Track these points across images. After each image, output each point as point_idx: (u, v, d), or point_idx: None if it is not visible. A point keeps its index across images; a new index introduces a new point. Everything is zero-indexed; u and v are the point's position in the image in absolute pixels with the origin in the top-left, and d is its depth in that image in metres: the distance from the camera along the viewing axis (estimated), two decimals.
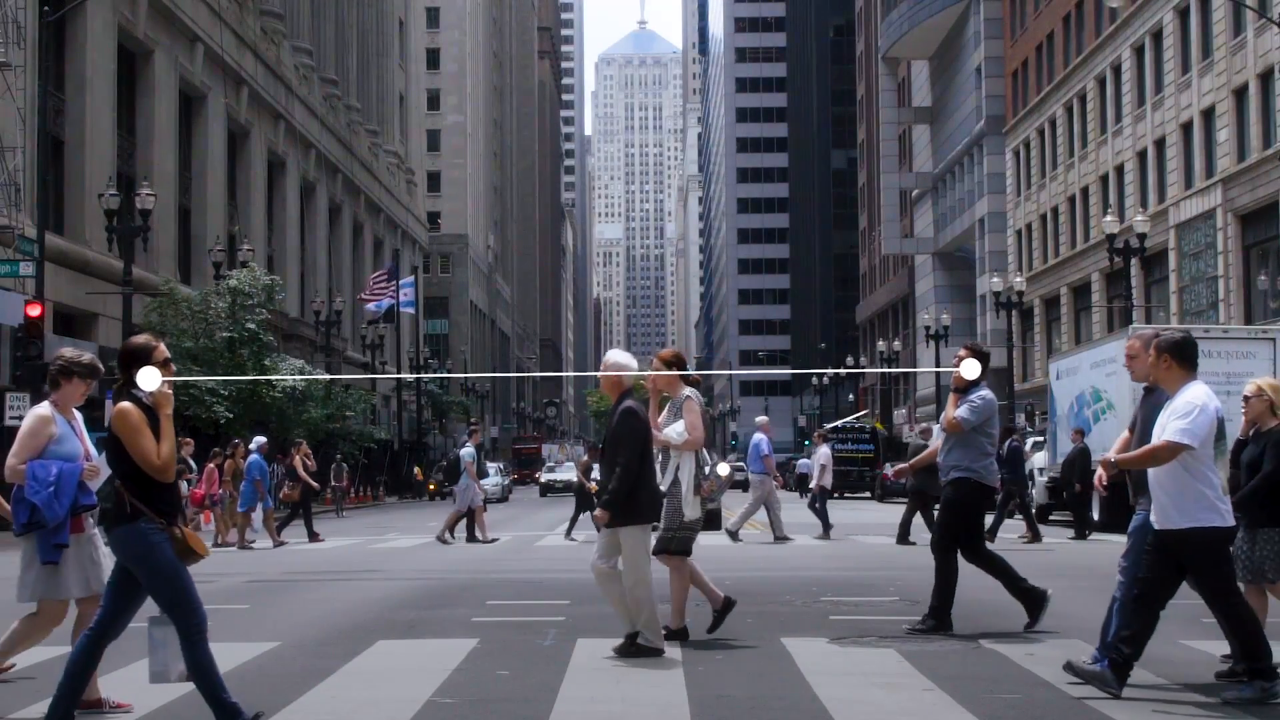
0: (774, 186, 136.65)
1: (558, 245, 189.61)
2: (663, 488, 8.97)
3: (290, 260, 54.64)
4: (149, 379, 5.99)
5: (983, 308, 63.64)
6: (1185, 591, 8.90)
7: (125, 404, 5.99)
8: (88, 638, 6.16)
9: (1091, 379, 24.19)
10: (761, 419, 22.87)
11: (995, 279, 50.60)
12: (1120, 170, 49.01)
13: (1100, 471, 7.61)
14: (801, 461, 51.16)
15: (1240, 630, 7.00)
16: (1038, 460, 27.24)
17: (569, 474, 52.24)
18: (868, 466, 49.81)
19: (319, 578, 15.58)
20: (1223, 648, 8.61)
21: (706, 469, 9.12)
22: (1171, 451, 6.88)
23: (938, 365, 52.65)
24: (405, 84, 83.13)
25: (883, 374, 72.80)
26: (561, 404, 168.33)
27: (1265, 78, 38.02)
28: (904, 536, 19.48)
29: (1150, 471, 7.14)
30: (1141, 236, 35.24)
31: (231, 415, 33.90)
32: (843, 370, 71.43)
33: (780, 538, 21.03)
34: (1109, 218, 38.67)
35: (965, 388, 9.66)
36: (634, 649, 8.36)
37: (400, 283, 57.51)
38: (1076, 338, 51.31)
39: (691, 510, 9.00)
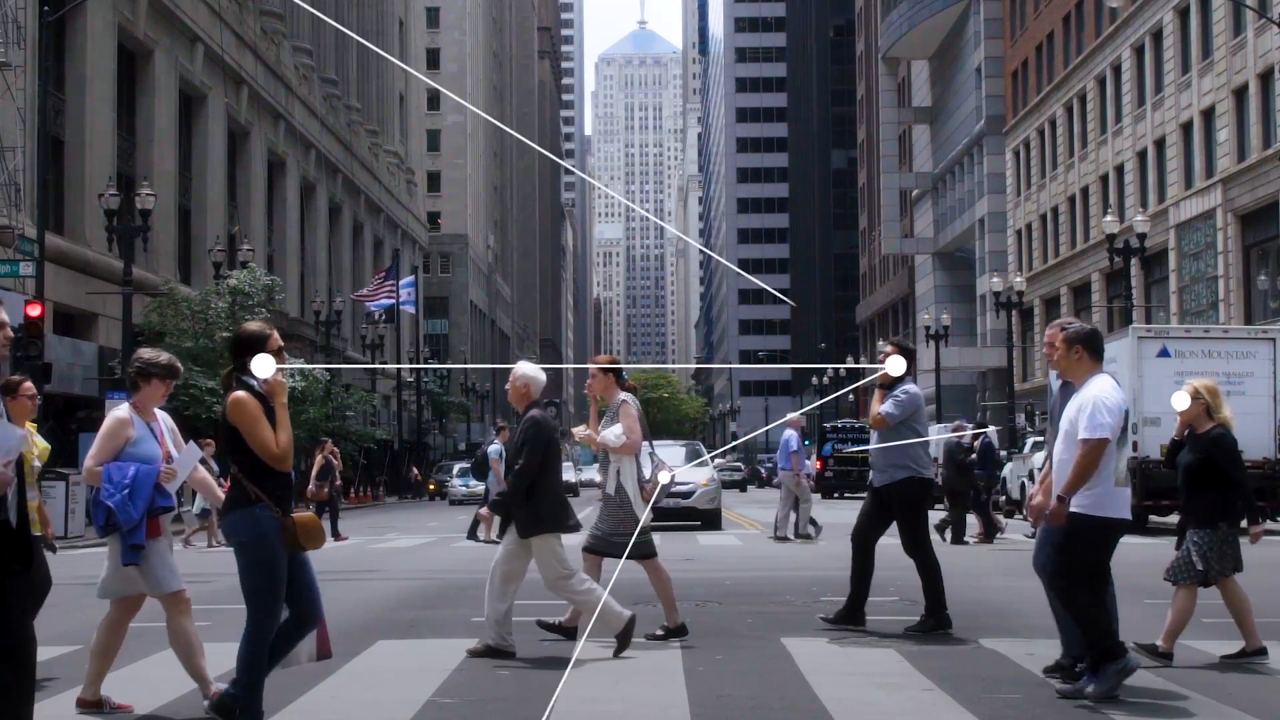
0: (774, 186, 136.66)
1: (558, 245, 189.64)
2: (609, 491, 9.17)
3: (290, 260, 54.63)
4: (263, 366, 5.94)
5: (983, 308, 63.66)
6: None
7: (241, 393, 5.90)
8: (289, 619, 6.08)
9: None
10: (792, 415, 22.82)
11: (995, 279, 50.59)
12: (1120, 170, 49.02)
13: (1037, 503, 7.51)
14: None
15: (1087, 622, 6.98)
16: (1037, 460, 27.22)
17: (567, 474, 52.14)
18: (868, 466, 49.82)
19: (319, 578, 15.55)
20: (1223, 649, 8.61)
21: (648, 472, 9.21)
22: (1098, 450, 6.91)
23: (937, 366, 52.63)
24: (405, 84, 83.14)
25: (820, 369, 72.58)
26: (562, 404, 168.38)
27: (1265, 78, 38.02)
28: (959, 536, 20.01)
29: (1058, 457, 7.16)
30: (1141, 236, 35.24)
31: None
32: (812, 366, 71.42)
33: (780, 538, 21.02)
34: (1109, 218, 38.66)
35: (891, 384, 9.72)
36: (625, 638, 8.52)
37: (400, 283, 57.51)
38: None
39: (638, 514, 9.16)
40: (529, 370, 8.80)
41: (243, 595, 6.03)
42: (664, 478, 9.49)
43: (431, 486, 56.47)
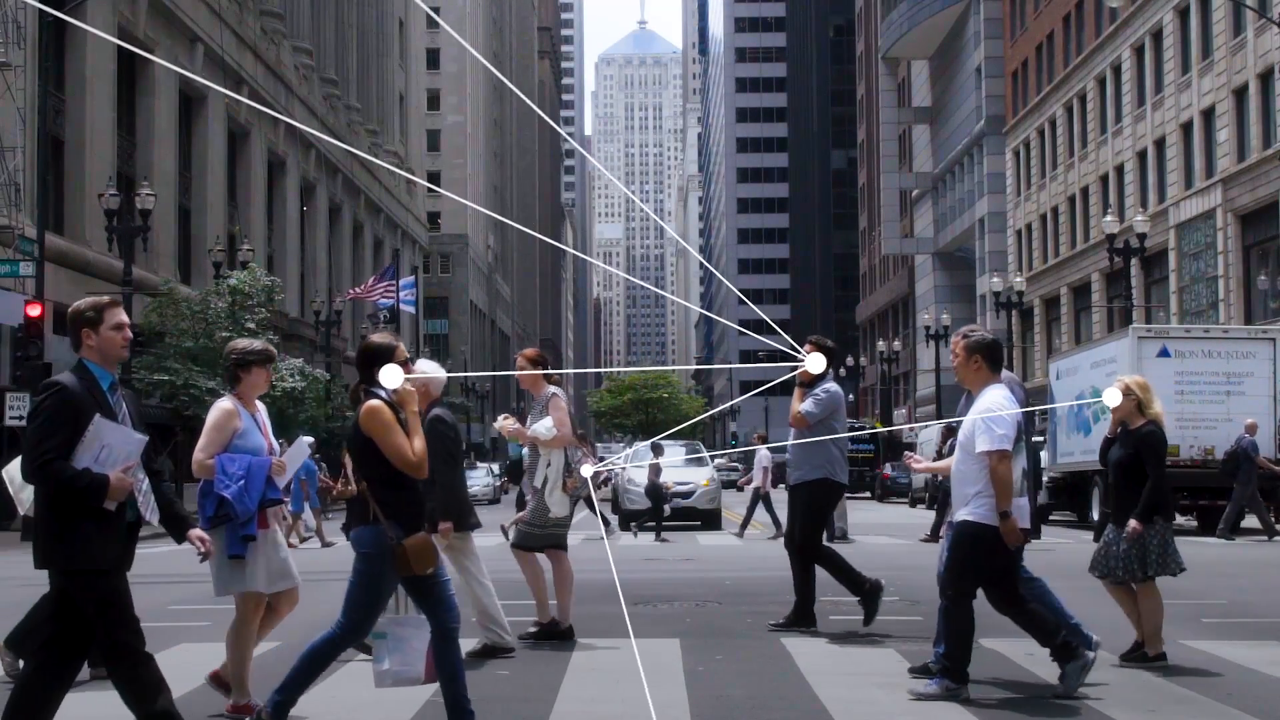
0: (774, 186, 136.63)
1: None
2: (535, 484, 9.19)
3: (290, 260, 54.63)
4: (392, 377, 5.92)
5: (983, 308, 63.64)
6: (1184, 592, 8.89)
7: (375, 402, 5.86)
8: (438, 636, 6.02)
9: (1091, 379, 24.17)
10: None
11: (995, 279, 50.59)
12: (1120, 170, 49.01)
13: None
14: None
15: (955, 634, 7.00)
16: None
17: None
18: (868, 466, 49.89)
19: (320, 577, 15.55)
20: (1223, 649, 8.61)
21: (572, 465, 9.23)
22: (1005, 460, 6.92)
23: (937, 367, 52.62)
24: (405, 84, 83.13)
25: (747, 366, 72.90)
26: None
27: (1265, 78, 38.02)
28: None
29: (956, 468, 7.18)
30: (1141, 236, 35.23)
31: None
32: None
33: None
34: (1109, 218, 38.66)
35: (811, 382, 9.67)
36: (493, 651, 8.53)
37: (400, 283, 57.46)
38: (1076, 338, 51.31)
39: (559, 507, 9.17)
40: (427, 368, 8.70)
41: (344, 605, 5.98)
42: (586, 471, 9.52)
43: None
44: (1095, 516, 22.33)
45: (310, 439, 7.11)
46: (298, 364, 40.25)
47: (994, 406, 7.02)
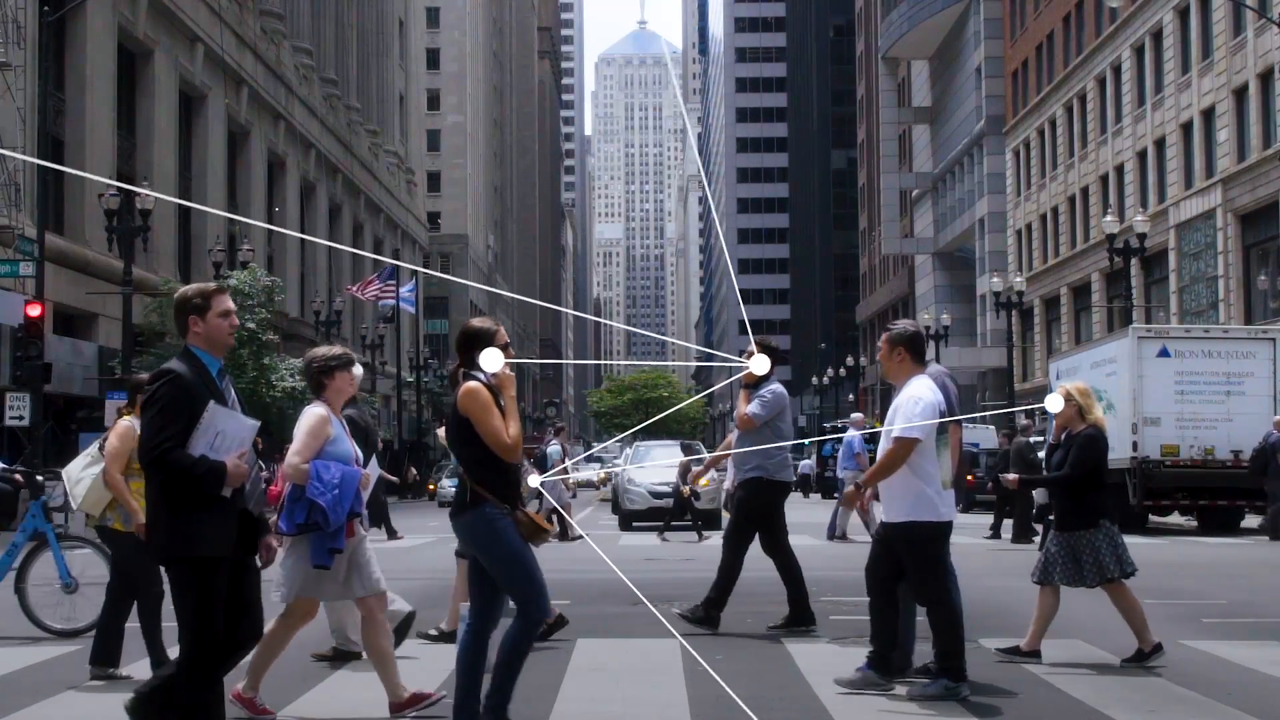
0: (774, 186, 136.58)
1: (558, 245, 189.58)
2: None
3: (290, 260, 54.63)
4: (492, 360, 5.92)
5: (983, 308, 63.65)
6: (1184, 592, 8.89)
7: (474, 384, 5.87)
8: (469, 633, 6.03)
9: (1091, 379, 24.15)
10: (857, 415, 22.79)
11: (995, 279, 50.58)
12: (1120, 170, 49.01)
13: (848, 490, 7.77)
14: (804, 463, 51.12)
15: (944, 631, 7.04)
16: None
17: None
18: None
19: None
20: (1223, 649, 8.61)
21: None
22: (905, 448, 6.96)
23: (931, 368, 52.57)
24: (405, 84, 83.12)
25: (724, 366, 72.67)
26: (561, 404, 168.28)
27: (1265, 78, 38.02)
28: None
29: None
30: (1141, 236, 35.23)
31: None
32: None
33: (839, 537, 20.93)
34: (1109, 218, 38.65)
35: (756, 383, 9.69)
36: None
37: (401, 284, 57.42)
38: (1076, 338, 51.30)
39: None
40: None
41: (507, 594, 5.96)
42: (534, 481, 9.50)
43: (431, 487, 56.45)
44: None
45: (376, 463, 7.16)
46: (297, 364, 40.21)
47: (914, 395, 7.05)
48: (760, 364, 9.35)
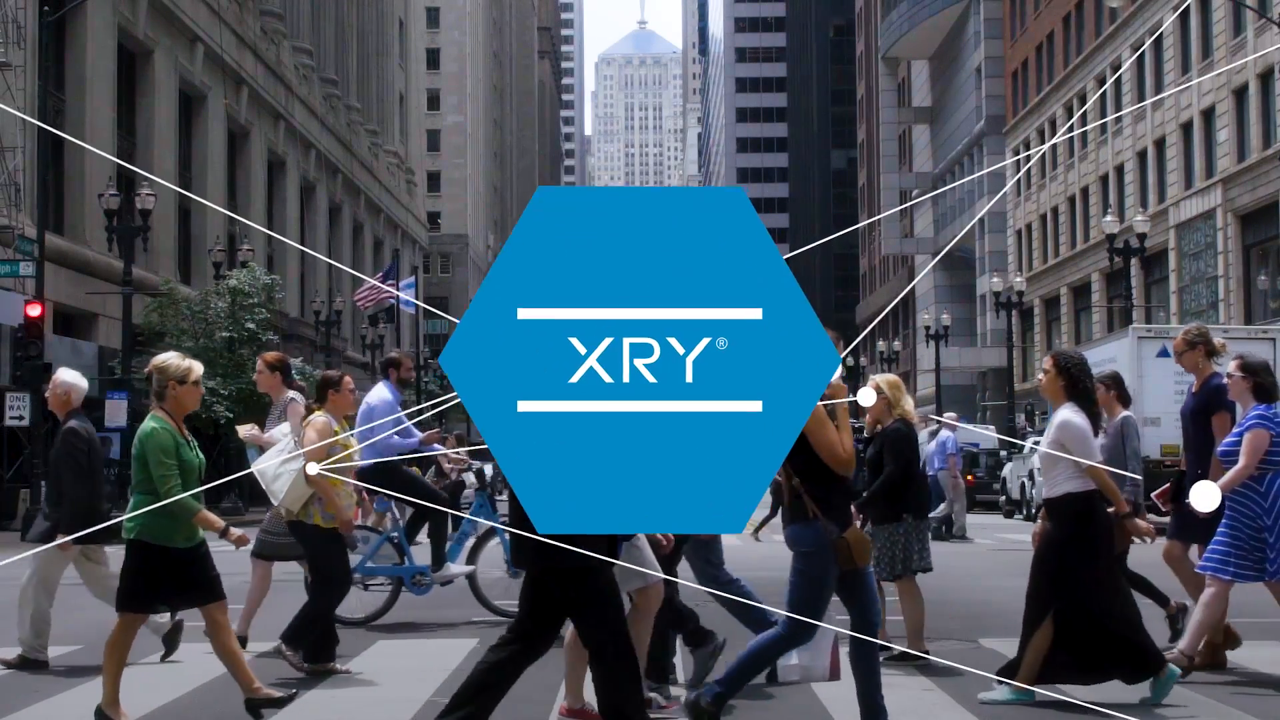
0: (774, 186, 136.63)
1: None
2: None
3: (290, 260, 54.62)
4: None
5: (983, 308, 63.67)
6: (1184, 592, 8.89)
7: None
8: (781, 639, 6.04)
9: None
10: (949, 416, 22.79)
11: (995, 279, 50.59)
12: (1120, 170, 49.02)
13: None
14: None
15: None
16: (1037, 460, 27.24)
17: None
18: None
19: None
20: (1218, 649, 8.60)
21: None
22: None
23: (937, 367, 52.61)
24: (405, 84, 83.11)
25: None
26: None
27: (1265, 78, 38.02)
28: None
29: None
30: (1141, 236, 35.23)
31: (231, 415, 33.86)
32: None
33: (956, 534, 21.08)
34: (1109, 218, 38.65)
35: None
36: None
37: (401, 284, 57.45)
38: (1076, 338, 51.31)
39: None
40: (68, 378, 8.55)
41: (788, 605, 5.94)
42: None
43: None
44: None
45: None
46: (297, 364, 40.21)
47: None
48: None
